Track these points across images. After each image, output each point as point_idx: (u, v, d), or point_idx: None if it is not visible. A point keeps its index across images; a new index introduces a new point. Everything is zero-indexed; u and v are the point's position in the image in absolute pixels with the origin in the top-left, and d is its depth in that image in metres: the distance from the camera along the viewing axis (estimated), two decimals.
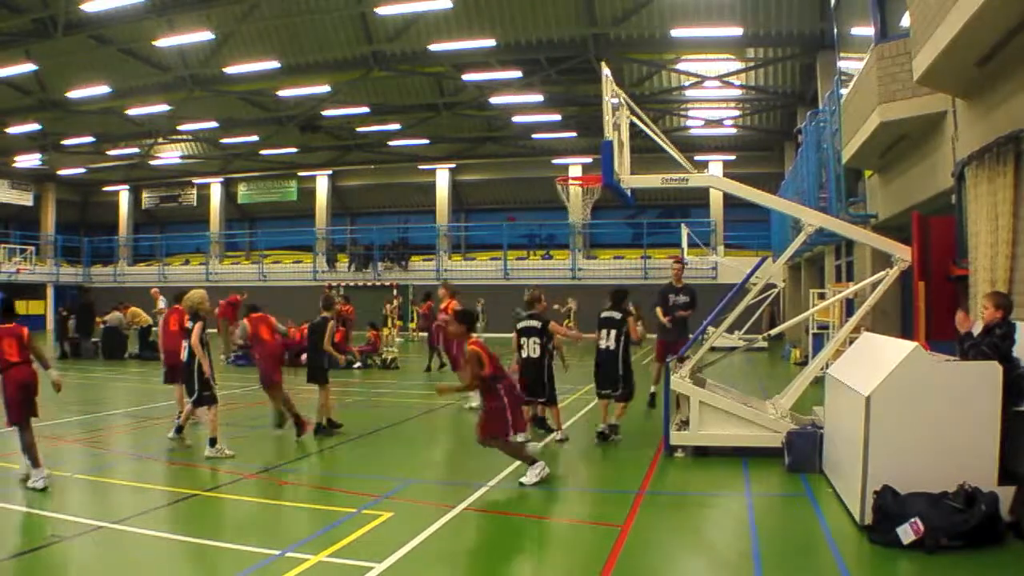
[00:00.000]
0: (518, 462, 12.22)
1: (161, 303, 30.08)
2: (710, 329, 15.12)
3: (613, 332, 15.19)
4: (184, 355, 14.24)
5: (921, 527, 8.30)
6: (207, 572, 8.48)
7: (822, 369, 13.28)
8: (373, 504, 10.44)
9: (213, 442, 13.71)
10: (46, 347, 27.87)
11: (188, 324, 14.29)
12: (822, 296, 25.84)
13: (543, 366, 14.41)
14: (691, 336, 17.18)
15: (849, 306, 20.70)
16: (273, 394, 15.77)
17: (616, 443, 14.68)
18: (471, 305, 12.75)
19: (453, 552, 8.87)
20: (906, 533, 8.35)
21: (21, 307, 29.31)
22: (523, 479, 11.47)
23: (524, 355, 14.47)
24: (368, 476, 12.76)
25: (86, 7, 33.64)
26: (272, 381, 15.67)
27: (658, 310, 18.27)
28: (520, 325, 14.68)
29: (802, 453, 11.99)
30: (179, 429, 14.70)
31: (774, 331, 17.22)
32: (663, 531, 9.72)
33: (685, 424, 13.45)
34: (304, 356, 16.56)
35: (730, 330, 15.16)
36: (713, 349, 15.17)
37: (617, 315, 15.26)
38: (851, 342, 13.39)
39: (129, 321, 33.57)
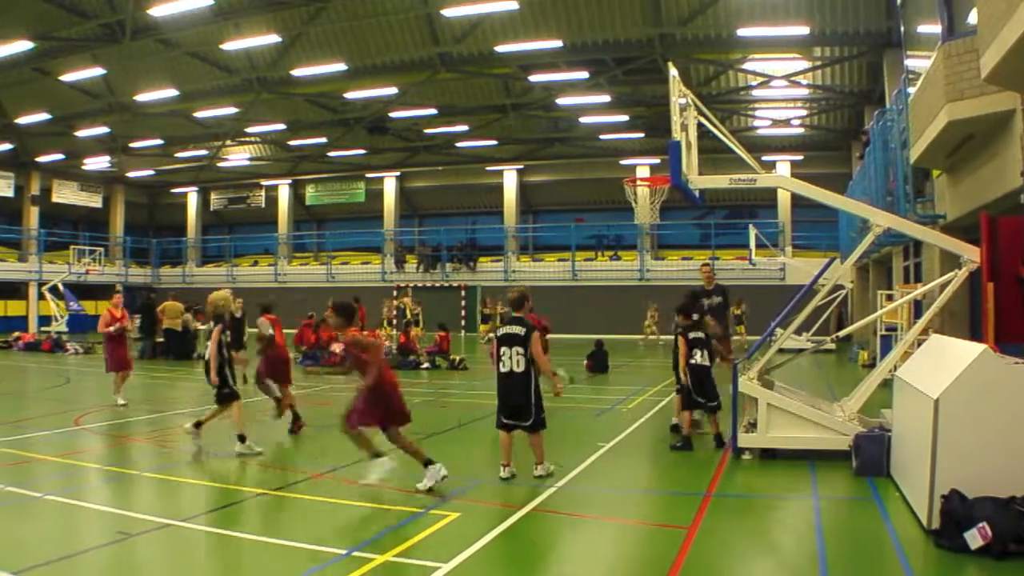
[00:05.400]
0: (587, 463, 12.32)
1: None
2: (778, 331, 15.08)
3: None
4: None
5: (989, 532, 8.22)
6: (274, 571, 8.55)
7: (890, 371, 13.20)
8: (440, 504, 10.51)
9: (242, 438, 14.04)
10: None
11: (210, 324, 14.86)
12: (890, 298, 25.63)
13: (528, 383, 11.97)
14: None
15: (917, 308, 20.53)
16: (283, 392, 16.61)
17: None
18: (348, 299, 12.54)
19: (519, 553, 8.92)
20: (974, 538, 8.28)
21: (90, 307, 29.80)
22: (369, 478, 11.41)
23: (504, 369, 12.13)
24: None
25: (153, 12, 34.11)
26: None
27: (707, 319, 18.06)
28: (500, 332, 12.43)
29: (870, 456, 11.90)
30: (198, 424, 14.69)
31: (842, 333, 17.08)
32: (729, 534, 9.71)
33: (753, 426, 13.42)
34: None
35: (798, 332, 15.09)
36: (781, 351, 15.08)
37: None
38: (919, 344, 13.30)
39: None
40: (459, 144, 55.46)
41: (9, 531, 9.43)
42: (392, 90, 44.57)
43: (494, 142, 54.52)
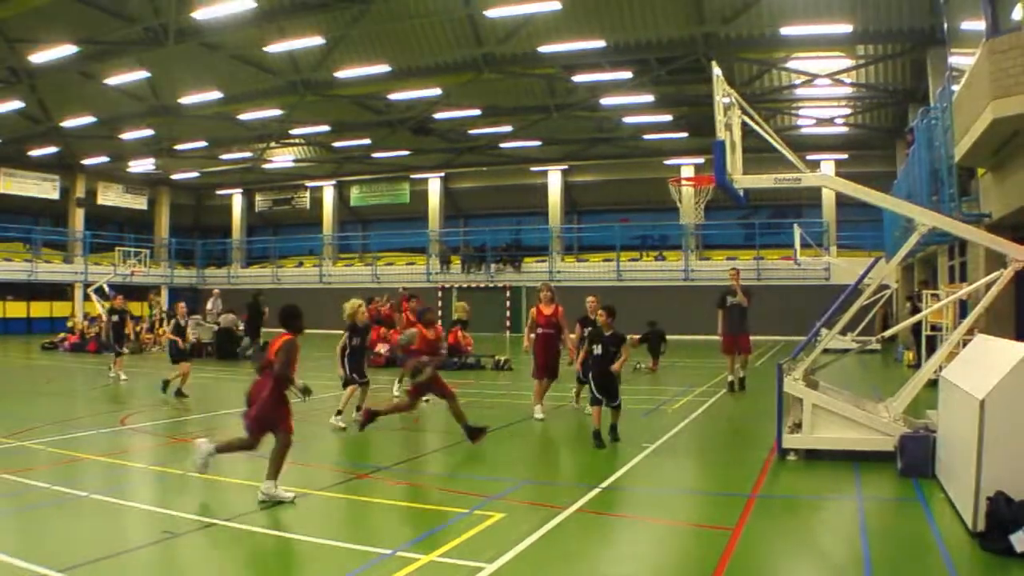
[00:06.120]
0: (630, 465, 12.41)
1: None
2: (823, 331, 15.03)
3: None
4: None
5: None
6: (318, 570, 8.63)
7: (936, 372, 13.14)
8: (485, 504, 10.56)
9: None
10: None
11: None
12: (935, 297, 25.46)
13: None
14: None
15: (963, 307, 20.39)
16: None
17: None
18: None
19: (564, 554, 8.92)
20: (1019, 541, 8.22)
21: (135, 308, 32.25)
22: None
23: None
24: (480, 477, 12.90)
25: (196, 15, 34.25)
26: None
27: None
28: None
29: (915, 457, 11.85)
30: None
31: (887, 333, 17.03)
32: (774, 535, 9.71)
33: (798, 427, 13.39)
34: None
35: (843, 332, 15.03)
36: (826, 351, 15.04)
37: None
38: (965, 344, 13.23)
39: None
40: (503, 145, 55.37)
41: (56, 529, 9.56)
42: (436, 91, 44.62)
43: (538, 143, 54.38)
